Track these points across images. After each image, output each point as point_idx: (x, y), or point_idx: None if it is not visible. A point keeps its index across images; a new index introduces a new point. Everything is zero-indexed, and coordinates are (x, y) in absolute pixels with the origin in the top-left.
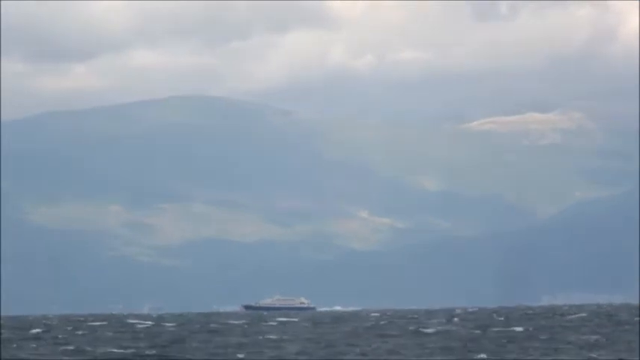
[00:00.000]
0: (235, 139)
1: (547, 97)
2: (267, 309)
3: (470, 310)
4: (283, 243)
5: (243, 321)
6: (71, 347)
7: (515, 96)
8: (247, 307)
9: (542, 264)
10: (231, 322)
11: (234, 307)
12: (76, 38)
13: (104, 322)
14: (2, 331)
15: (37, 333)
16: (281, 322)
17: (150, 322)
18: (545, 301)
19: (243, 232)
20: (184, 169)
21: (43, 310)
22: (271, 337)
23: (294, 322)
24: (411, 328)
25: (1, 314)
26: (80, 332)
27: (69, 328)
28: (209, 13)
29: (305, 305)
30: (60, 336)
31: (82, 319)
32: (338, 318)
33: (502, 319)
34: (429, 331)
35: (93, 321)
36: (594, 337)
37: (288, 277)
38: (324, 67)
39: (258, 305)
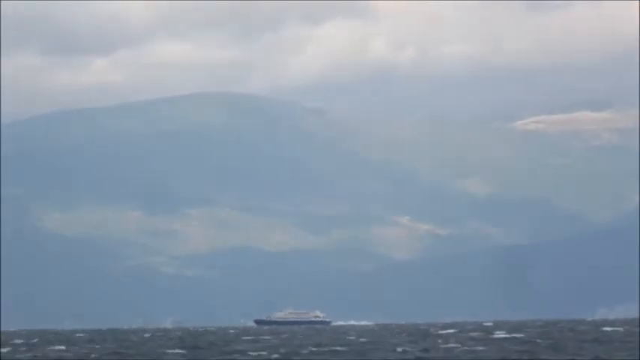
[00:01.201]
0: (265, 140)
1: (601, 95)
2: (280, 323)
3: (529, 324)
4: (317, 252)
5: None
6: None
7: (567, 93)
8: (259, 322)
9: (597, 274)
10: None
11: (248, 322)
12: (95, 30)
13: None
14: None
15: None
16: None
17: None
18: (601, 314)
19: (274, 240)
20: (210, 171)
21: (55, 325)
22: None
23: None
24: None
25: (10, 328)
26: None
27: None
28: (237, 2)
29: (319, 319)
30: None
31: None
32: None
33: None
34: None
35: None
36: None
37: (321, 288)
38: (361, 61)
39: (270, 319)
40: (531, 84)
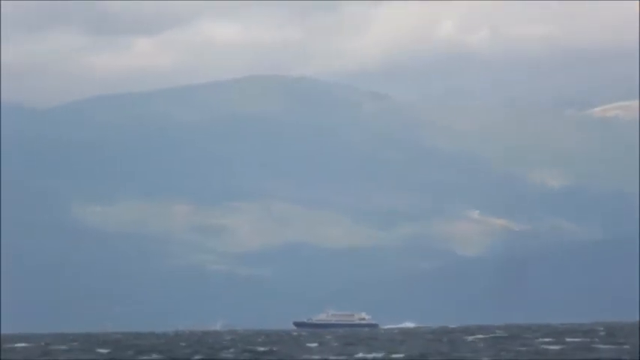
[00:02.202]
0: (322, 127)
1: None
2: (321, 326)
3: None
4: (378, 249)
5: None
6: None
7: None
8: (299, 325)
9: None
10: None
11: (287, 325)
12: (138, 8)
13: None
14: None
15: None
16: None
17: None
18: None
19: (332, 236)
20: (263, 161)
21: (95, 328)
22: None
23: None
24: None
25: (45, 331)
26: None
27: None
28: None
29: (365, 322)
30: None
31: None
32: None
33: None
34: None
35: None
36: None
37: (383, 287)
38: (429, 42)
39: (310, 322)
40: (608, 68)
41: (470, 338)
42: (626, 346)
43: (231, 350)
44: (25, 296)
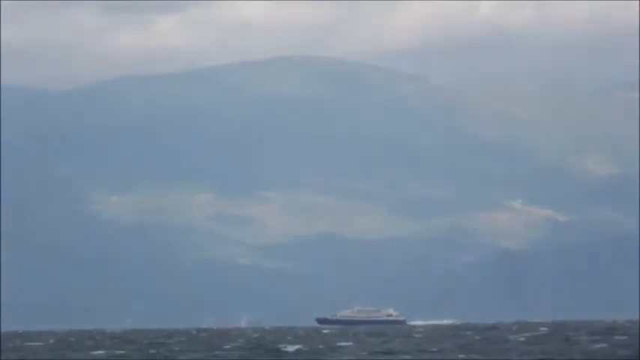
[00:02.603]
0: (355, 111)
1: None
2: (346, 322)
3: None
4: (413, 240)
5: None
6: None
7: None
8: (322, 321)
9: None
10: None
11: (310, 322)
12: None
13: None
14: None
15: None
16: None
17: None
18: None
19: (365, 227)
20: (292, 148)
21: (114, 324)
22: None
23: None
24: None
25: (62, 328)
26: None
27: None
28: None
29: (392, 318)
30: None
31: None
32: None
33: None
34: None
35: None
36: None
37: (416, 282)
38: (469, 21)
39: (334, 318)
40: None
41: (512, 337)
42: None
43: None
44: (39, 290)
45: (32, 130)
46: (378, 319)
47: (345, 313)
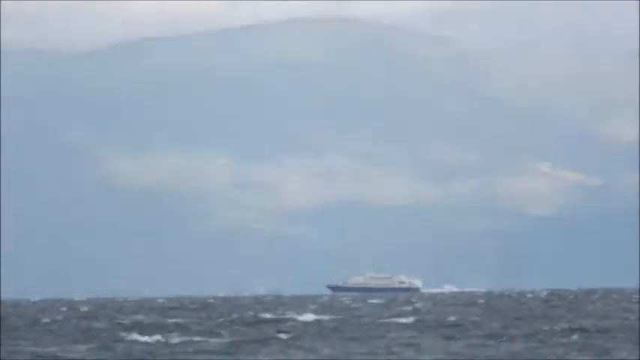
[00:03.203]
0: (378, 75)
1: None
2: (358, 289)
3: None
4: (437, 207)
5: None
6: None
7: None
8: (333, 288)
9: None
10: None
11: (321, 289)
12: None
13: None
14: None
15: None
16: None
17: None
18: None
19: (389, 193)
20: (313, 112)
21: (130, 293)
22: None
23: None
24: None
25: (75, 297)
26: None
27: None
28: None
29: (405, 285)
30: None
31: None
32: None
33: None
34: None
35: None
36: None
37: (439, 250)
38: None
39: (346, 285)
40: None
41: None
42: None
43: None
44: (51, 258)
45: (45, 90)
46: (390, 286)
47: (357, 280)
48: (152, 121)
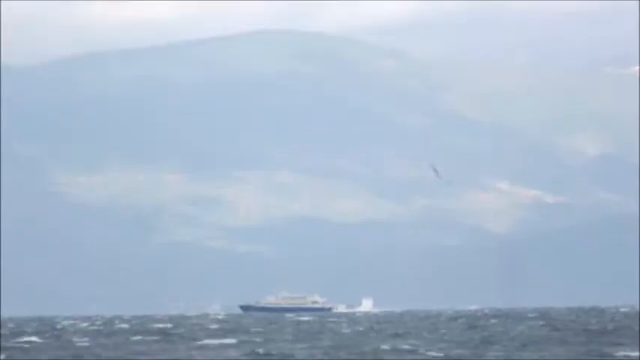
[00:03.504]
0: (335, 88)
1: None
2: (270, 309)
3: None
4: (395, 223)
5: None
6: None
7: None
8: (245, 308)
9: None
10: None
11: (216, 308)
12: None
13: None
14: None
15: None
16: None
17: None
18: None
19: (344, 210)
20: (267, 126)
21: (80, 310)
22: None
23: None
24: None
25: (26, 314)
26: None
27: None
28: None
29: (318, 305)
30: None
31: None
32: None
33: None
34: None
35: None
36: None
37: (399, 266)
38: None
39: (258, 305)
40: None
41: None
42: None
43: None
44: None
45: None
46: (303, 305)
47: (270, 300)
48: (104, 135)
